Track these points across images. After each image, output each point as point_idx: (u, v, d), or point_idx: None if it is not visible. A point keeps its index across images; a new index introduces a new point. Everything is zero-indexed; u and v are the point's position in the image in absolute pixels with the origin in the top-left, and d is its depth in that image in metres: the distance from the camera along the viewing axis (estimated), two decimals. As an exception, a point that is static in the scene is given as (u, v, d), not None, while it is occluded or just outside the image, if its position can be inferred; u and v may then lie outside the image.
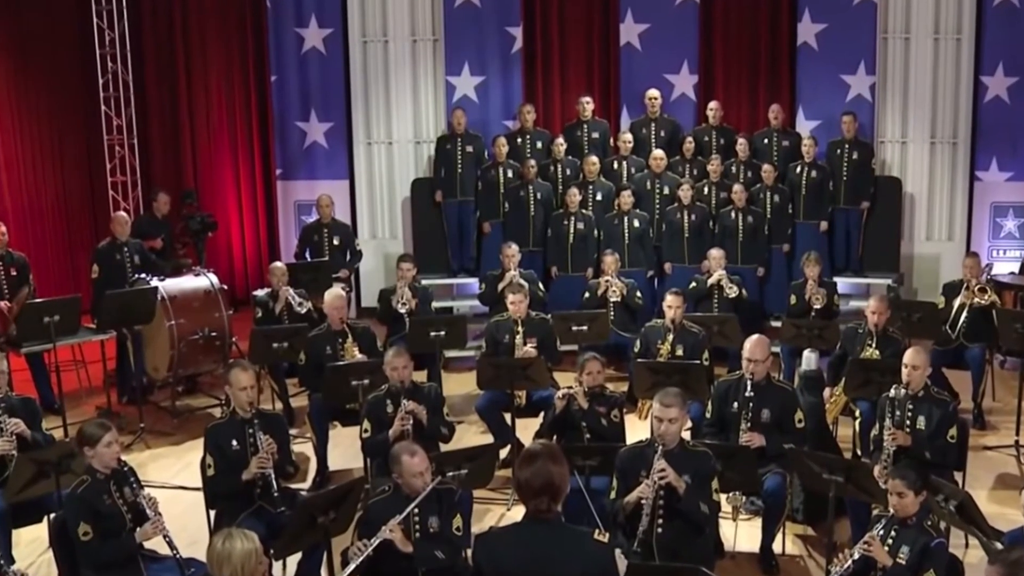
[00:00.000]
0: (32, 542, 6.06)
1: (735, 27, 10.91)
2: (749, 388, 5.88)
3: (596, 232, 9.83)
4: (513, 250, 9.00)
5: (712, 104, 10.56)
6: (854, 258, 10.41)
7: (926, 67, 10.67)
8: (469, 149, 10.47)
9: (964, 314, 7.97)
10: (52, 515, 5.21)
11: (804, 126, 10.76)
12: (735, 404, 5.94)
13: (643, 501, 4.91)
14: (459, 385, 8.77)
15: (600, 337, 8.02)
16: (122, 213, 9.40)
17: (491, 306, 9.02)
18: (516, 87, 11.09)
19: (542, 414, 6.69)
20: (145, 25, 11.42)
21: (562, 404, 6.21)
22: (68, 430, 7.38)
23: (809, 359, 7.28)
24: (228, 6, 11.44)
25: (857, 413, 6.75)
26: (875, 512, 4.98)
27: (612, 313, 8.68)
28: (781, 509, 5.72)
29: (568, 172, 10.36)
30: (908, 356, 5.88)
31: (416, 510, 4.68)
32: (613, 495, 5.12)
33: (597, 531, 3.53)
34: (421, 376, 7.24)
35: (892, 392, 5.81)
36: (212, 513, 5.57)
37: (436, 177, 10.66)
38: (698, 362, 7.04)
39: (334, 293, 7.59)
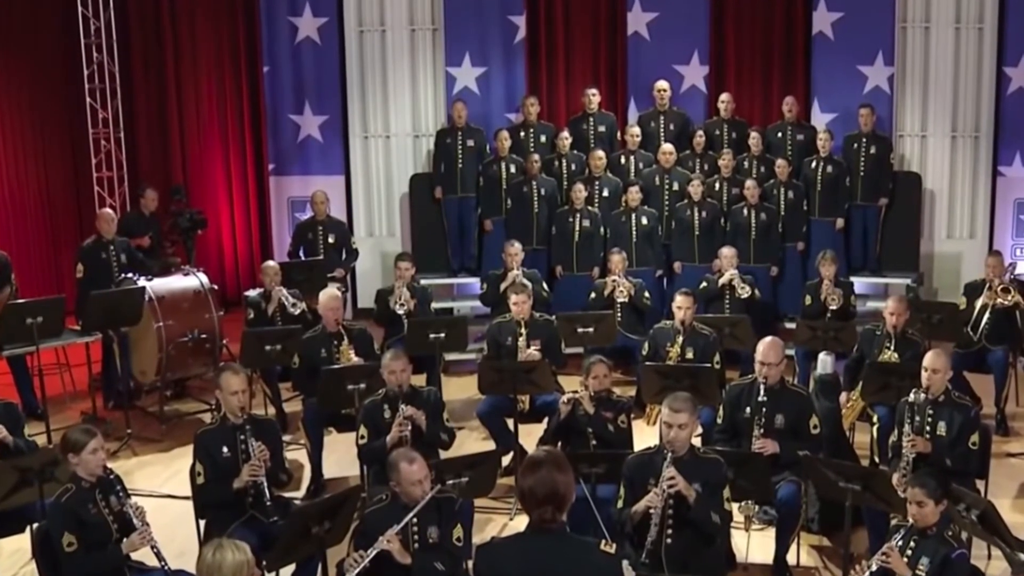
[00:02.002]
0: (15, 553, 6.00)
1: (747, 16, 10.81)
2: (762, 392, 5.84)
3: (602, 230, 9.74)
4: (516, 248, 8.92)
5: (723, 96, 10.46)
6: (871, 257, 10.30)
7: (947, 58, 10.54)
8: (470, 143, 10.38)
9: (986, 315, 7.87)
10: (35, 525, 5.21)
11: (819, 119, 10.66)
12: (747, 409, 5.91)
13: (651, 510, 4.88)
14: (460, 389, 8.69)
15: (607, 339, 8.00)
16: (108, 210, 9.33)
17: (493, 307, 8.98)
18: (519, 78, 10.99)
19: (546, 420, 6.66)
20: (132, 13, 11.26)
21: (567, 409, 6.18)
22: (52, 436, 7.29)
23: (825, 362, 7.17)
24: (218, -6, 11.36)
25: (875, 419, 6.72)
26: (894, 522, 4.91)
27: (619, 314, 8.61)
28: (795, 519, 5.66)
29: (573, 167, 10.26)
30: (928, 359, 5.83)
31: (415, 520, 4.66)
32: (620, 504, 5.08)
33: (604, 542, 3.51)
34: (420, 380, 7.26)
35: (911, 397, 5.75)
36: (202, 523, 5.53)
37: (435, 172, 10.57)
38: (709, 365, 7.02)
39: (329, 294, 7.52)
